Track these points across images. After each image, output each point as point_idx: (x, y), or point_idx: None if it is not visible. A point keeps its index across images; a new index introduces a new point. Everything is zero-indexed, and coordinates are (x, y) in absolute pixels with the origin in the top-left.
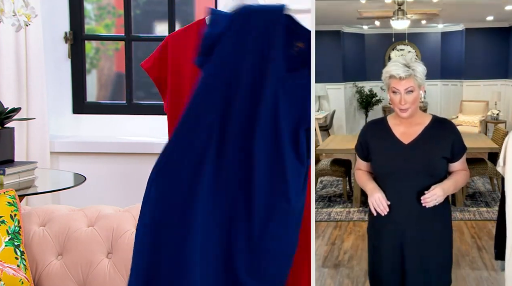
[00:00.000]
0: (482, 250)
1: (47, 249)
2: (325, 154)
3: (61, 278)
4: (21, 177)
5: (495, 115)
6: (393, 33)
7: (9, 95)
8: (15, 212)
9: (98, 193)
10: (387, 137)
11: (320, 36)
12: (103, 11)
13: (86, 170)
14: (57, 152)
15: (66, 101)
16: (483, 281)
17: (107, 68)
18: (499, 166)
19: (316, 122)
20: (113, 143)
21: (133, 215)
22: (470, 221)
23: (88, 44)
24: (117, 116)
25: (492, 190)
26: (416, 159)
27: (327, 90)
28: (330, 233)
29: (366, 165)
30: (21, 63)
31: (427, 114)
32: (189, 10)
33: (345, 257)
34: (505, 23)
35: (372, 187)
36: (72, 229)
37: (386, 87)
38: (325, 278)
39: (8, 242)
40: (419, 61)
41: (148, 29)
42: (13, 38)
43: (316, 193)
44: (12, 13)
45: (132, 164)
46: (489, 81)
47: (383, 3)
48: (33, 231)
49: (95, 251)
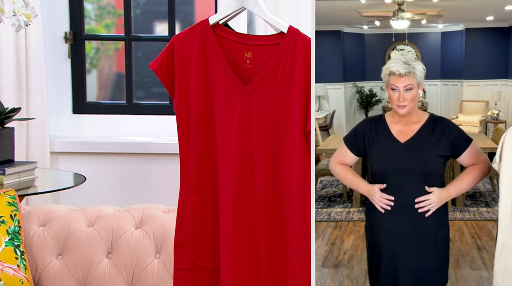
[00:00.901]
0: (482, 250)
1: (47, 249)
2: (325, 154)
3: (61, 278)
4: (21, 177)
5: (495, 115)
6: (393, 33)
7: (9, 95)
8: (15, 212)
9: (98, 193)
10: (384, 135)
11: (320, 36)
12: (103, 11)
13: (86, 170)
14: (57, 152)
15: (66, 101)
16: (483, 281)
17: (107, 68)
18: (495, 163)
19: (316, 122)
20: (113, 142)
21: (133, 215)
22: (470, 221)
23: (88, 44)
24: (117, 116)
25: (492, 190)
26: (411, 158)
27: (327, 90)
28: (330, 233)
29: (353, 159)
30: (21, 63)
31: (424, 112)
32: (189, 10)
33: (345, 257)
34: (505, 23)
35: (364, 187)
36: (72, 229)
37: (385, 85)
38: (325, 278)
39: (8, 242)
40: (418, 61)
41: (148, 29)
42: (13, 38)
43: (316, 193)
44: (12, 13)
45: (132, 164)
46: (489, 81)
47: (383, 3)
48: (33, 231)
49: (95, 251)
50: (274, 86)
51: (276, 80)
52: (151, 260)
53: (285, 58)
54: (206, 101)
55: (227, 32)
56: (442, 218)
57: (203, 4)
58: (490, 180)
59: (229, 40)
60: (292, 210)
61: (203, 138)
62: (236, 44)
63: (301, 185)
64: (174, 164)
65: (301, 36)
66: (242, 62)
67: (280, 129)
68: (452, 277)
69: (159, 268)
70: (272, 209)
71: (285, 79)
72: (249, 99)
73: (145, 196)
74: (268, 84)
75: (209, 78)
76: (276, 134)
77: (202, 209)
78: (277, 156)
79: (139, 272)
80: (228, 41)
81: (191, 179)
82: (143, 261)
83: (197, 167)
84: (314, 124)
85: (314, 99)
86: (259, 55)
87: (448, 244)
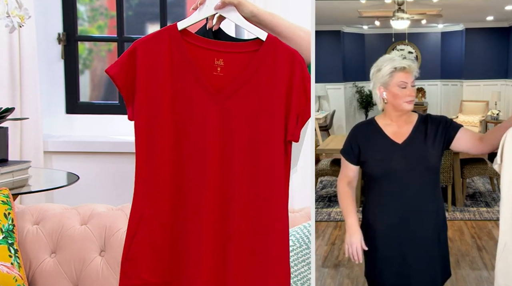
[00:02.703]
0: (482, 250)
1: (41, 247)
2: (325, 154)
3: (55, 276)
4: (14, 176)
5: (495, 115)
6: (393, 33)
7: (3, 95)
8: (9, 211)
9: (91, 191)
10: (379, 138)
11: (320, 36)
12: (96, 12)
13: (79, 169)
14: (50, 151)
15: (60, 101)
16: (483, 281)
17: (99, 69)
18: (496, 164)
19: (316, 122)
20: (106, 142)
21: (126, 213)
22: (470, 221)
23: (81, 45)
24: (110, 116)
25: (492, 190)
26: (412, 157)
27: (327, 90)
28: (330, 233)
29: (355, 170)
30: (15, 63)
31: (412, 113)
32: (180, 11)
33: (345, 257)
34: (505, 23)
35: (351, 223)
36: (65, 227)
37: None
38: (325, 278)
39: (1, 240)
40: None
41: (140, 31)
42: (6, 39)
43: (316, 193)
44: (5, 15)
45: (124, 163)
46: (489, 81)
47: (383, 3)
48: (27, 229)
49: (88, 249)
50: (252, 94)
51: (254, 88)
52: None
53: (264, 66)
54: (173, 110)
55: (196, 39)
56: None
57: None
58: (490, 180)
59: (199, 47)
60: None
61: (167, 147)
62: (206, 51)
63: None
64: None
65: (282, 44)
66: (212, 70)
67: (259, 138)
68: (452, 277)
69: None
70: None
71: (263, 88)
72: (223, 108)
73: None
74: (245, 92)
75: (176, 86)
76: (255, 143)
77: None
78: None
79: None
80: (198, 48)
81: (147, 189)
82: None
83: (156, 177)
84: (314, 124)
85: (314, 99)
86: (231, 62)
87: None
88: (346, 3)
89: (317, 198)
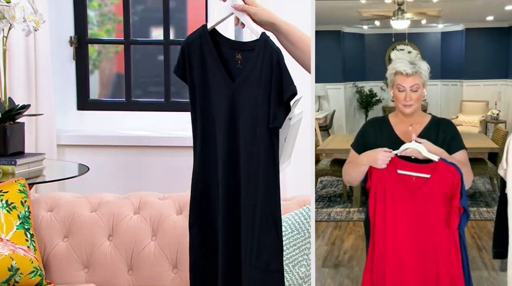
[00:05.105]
0: (482, 250)
1: (54, 232)
2: (325, 154)
3: (67, 258)
4: (30, 167)
5: (495, 115)
6: (393, 33)
7: (19, 93)
8: (25, 199)
9: (100, 181)
10: (388, 136)
11: (320, 36)
12: (105, 17)
13: (89, 160)
14: (63, 144)
15: (71, 99)
16: (483, 281)
17: (108, 69)
18: (502, 169)
19: (316, 122)
20: (114, 136)
21: (132, 202)
22: (470, 221)
23: (91, 47)
24: (117, 113)
25: (492, 190)
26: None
27: (327, 90)
28: (330, 233)
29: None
30: (31, 64)
31: (426, 114)
32: (182, 16)
33: (345, 257)
34: (505, 23)
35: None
36: (76, 214)
37: (390, 84)
38: (325, 278)
39: (19, 225)
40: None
41: (145, 34)
42: (23, 42)
43: (316, 193)
44: (22, 19)
45: (130, 155)
46: (489, 81)
47: (383, 3)
48: (42, 216)
49: (97, 234)
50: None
51: (251, 80)
52: (148, 242)
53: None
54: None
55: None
56: None
57: (195, 11)
58: (490, 180)
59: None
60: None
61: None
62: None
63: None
64: (168, 155)
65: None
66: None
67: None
68: None
69: (155, 249)
70: None
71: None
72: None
73: (142, 185)
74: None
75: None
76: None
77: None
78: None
79: (137, 253)
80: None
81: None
82: (141, 243)
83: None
84: (314, 124)
85: (314, 99)
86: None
87: None
88: (346, 3)
89: (317, 198)
